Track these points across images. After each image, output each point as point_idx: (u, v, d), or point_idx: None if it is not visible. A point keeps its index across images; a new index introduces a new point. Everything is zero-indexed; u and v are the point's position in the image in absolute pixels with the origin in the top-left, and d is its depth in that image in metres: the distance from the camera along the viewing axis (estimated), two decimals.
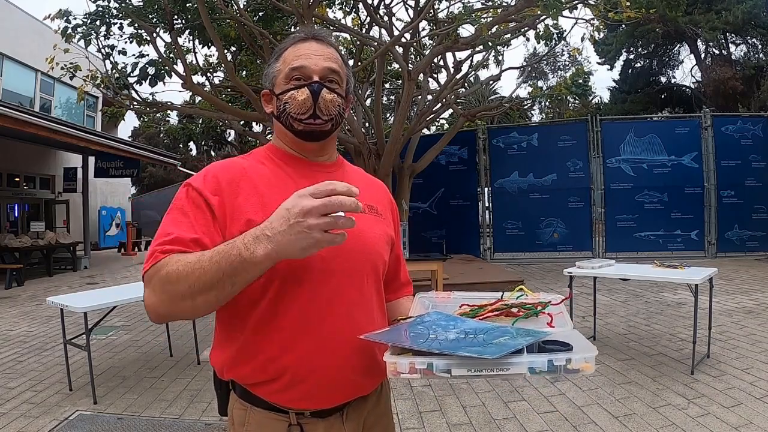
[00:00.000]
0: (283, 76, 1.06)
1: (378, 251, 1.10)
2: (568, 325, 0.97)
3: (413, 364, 0.81)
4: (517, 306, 1.07)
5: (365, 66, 8.51)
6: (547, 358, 0.80)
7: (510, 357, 0.79)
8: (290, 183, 1.04)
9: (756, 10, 18.48)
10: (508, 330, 0.91)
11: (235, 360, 1.02)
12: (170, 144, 28.16)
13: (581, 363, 0.81)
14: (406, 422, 3.04)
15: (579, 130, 10.52)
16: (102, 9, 6.88)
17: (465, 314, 1.05)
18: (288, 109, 1.04)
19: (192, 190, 0.99)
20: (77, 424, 3.05)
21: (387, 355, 0.85)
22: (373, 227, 1.11)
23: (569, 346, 0.85)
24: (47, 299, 3.82)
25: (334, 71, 1.07)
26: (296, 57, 1.06)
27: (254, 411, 1.02)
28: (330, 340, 0.99)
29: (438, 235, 10.69)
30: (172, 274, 0.86)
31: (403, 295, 1.28)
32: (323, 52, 1.08)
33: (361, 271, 1.05)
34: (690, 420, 2.88)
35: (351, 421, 1.06)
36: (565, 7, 5.87)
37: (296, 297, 0.98)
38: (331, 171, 1.12)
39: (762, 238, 9.84)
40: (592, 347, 0.84)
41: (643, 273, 4.07)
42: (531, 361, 0.80)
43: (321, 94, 1.03)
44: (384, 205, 1.20)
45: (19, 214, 13.54)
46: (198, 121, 11.13)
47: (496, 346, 0.82)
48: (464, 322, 0.97)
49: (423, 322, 0.98)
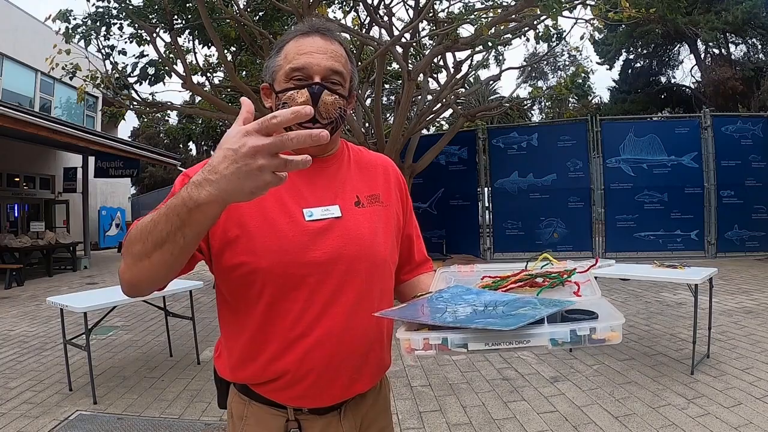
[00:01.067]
0: (283, 73, 1.03)
1: (377, 248, 1.07)
2: (596, 293, 0.93)
3: (427, 339, 0.77)
4: (542, 276, 1.03)
5: (365, 66, 8.50)
6: (570, 328, 0.75)
7: (529, 328, 0.75)
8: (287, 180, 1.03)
9: (756, 10, 18.48)
10: (531, 300, 0.87)
11: (236, 364, 1.04)
12: (170, 144, 28.15)
13: (607, 332, 0.75)
14: (406, 422, 3.04)
15: (579, 130, 10.51)
16: (102, 9, 6.88)
17: (487, 286, 1.02)
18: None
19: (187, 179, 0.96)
20: (77, 424, 3.05)
21: (401, 331, 0.82)
22: (373, 221, 1.08)
23: (594, 314, 0.80)
24: (47, 299, 3.82)
25: (337, 71, 1.02)
26: (298, 54, 1.02)
27: (253, 405, 1.04)
28: (327, 341, 0.99)
29: (438, 235, 10.69)
30: (132, 236, 0.83)
31: (422, 272, 1.25)
32: (327, 49, 1.03)
33: (360, 270, 1.04)
34: (690, 420, 2.88)
35: (348, 419, 1.06)
36: (565, 7, 5.87)
37: (293, 300, 0.98)
38: (328, 165, 1.09)
39: (762, 238, 9.83)
40: (619, 315, 0.79)
41: (643, 273, 4.07)
42: (552, 331, 0.75)
43: (321, 97, 0.99)
44: (388, 187, 1.16)
45: (19, 214, 13.53)
46: (198, 121, 11.11)
47: (515, 317, 0.78)
48: (485, 295, 0.94)
49: (441, 296, 0.96)
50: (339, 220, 1.02)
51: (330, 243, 1.00)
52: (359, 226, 1.05)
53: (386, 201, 1.14)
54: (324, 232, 1.00)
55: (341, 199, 1.06)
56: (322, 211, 1.02)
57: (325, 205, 1.03)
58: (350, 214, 1.05)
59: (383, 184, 1.16)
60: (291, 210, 1.00)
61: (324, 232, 1.00)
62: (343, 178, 1.10)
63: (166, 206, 0.78)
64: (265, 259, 0.96)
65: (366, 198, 1.10)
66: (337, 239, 1.01)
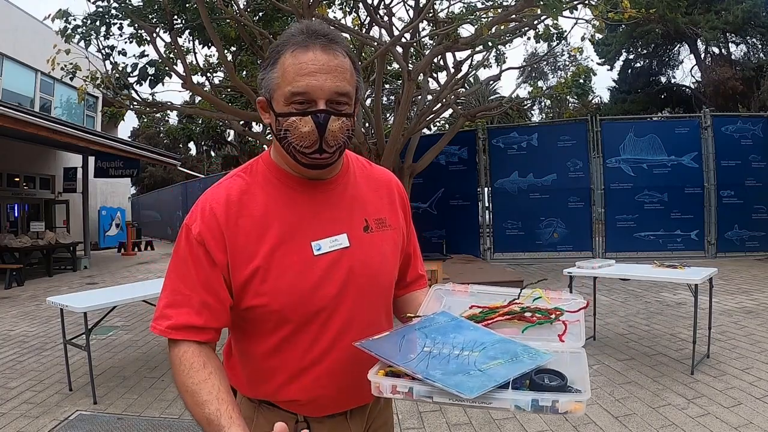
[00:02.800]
0: (282, 94, 0.93)
1: (386, 274, 1.09)
2: (580, 340, 0.93)
3: (395, 386, 0.80)
4: (531, 311, 1.02)
5: (365, 66, 8.50)
6: (532, 398, 0.76)
7: (493, 392, 0.76)
8: (293, 209, 1.01)
9: (756, 10, 18.48)
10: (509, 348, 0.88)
11: (244, 384, 1.07)
12: (170, 144, 28.19)
13: (570, 405, 0.75)
14: (406, 422, 3.04)
15: (579, 130, 10.51)
16: (102, 9, 6.88)
17: (474, 317, 1.02)
18: (290, 138, 0.94)
19: (191, 236, 0.96)
20: (77, 424, 3.05)
21: (372, 373, 0.84)
22: (381, 246, 1.08)
23: (565, 378, 0.80)
24: (47, 299, 3.82)
25: (342, 93, 0.93)
26: (298, 75, 0.91)
27: (263, 407, 1.06)
28: (337, 370, 1.01)
29: (438, 235, 10.69)
30: (179, 386, 0.92)
31: (417, 288, 1.25)
32: (330, 66, 0.92)
33: (371, 297, 1.04)
34: (690, 420, 2.88)
35: (356, 419, 1.08)
36: (565, 7, 5.87)
37: (305, 334, 0.99)
38: (333, 188, 1.05)
39: (762, 238, 9.83)
40: (587, 382, 0.79)
41: (643, 273, 4.07)
42: (514, 399, 0.76)
43: (328, 126, 0.92)
44: (394, 209, 1.15)
45: (19, 214, 13.53)
46: (198, 121, 11.12)
47: (483, 377, 0.78)
48: (468, 331, 0.95)
49: (425, 326, 0.97)
50: (348, 250, 1.01)
51: (340, 276, 1.00)
52: (368, 254, 1.04)
53: (393, 224, 1.12)
54: (334, 265, 0.99)
55: (348, 227, 1.03)
56: (331, 242, 1.00)
57: (333, 234, 1.01)
58: (358, 243, 1.03)
59: (389, 206, 1.13)
60: (299, 246, 0.98)
61: (334, 265, 0.99)
62: (351, 200, 1.06)
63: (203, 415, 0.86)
64: (277, 302, 0.96)
65: (374, 222, 1.08)
66: (347, 271, 1.00)
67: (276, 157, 1.04)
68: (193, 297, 0.94)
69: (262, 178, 1.02)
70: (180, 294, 0.95)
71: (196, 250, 0.95)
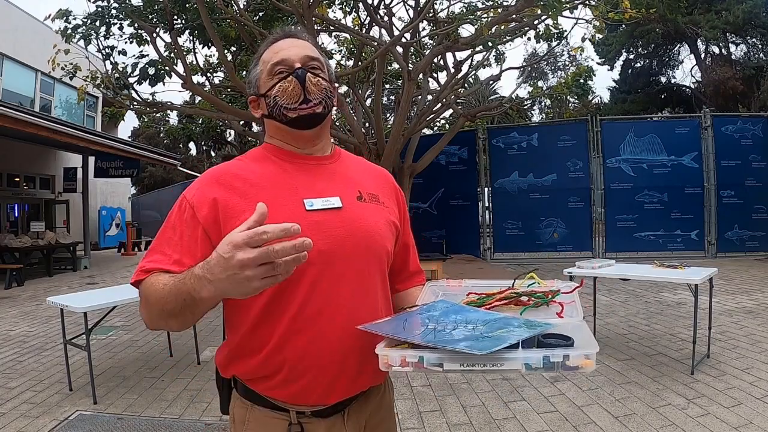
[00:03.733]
0: (266, 74, 1.08)
1: (380, 240, 1.08)
2: (578, 315, 0.93)
3: (404, 357, 0.79)
4: (527, 294, 1.04)
5: (365, 66, 8.50)
6: (543, 354, 0.76)
7: (504, 352, 0.76)
8: (286, 177, 1.05)
9: (756, 10, 18.47)
10: (511, 321, 0.88)
11: (235, 355, 1.04)
12: (170, 144, 28.17)
13: (580, 359, 0.76)
14: (406, 422, 3.04)
15: (579, 130, 10.51)
16: (102, 9, 6.88)
17: (472, 303, 1.03)
18: (279, 101, 1.05)
19: (185, 203, 1.01)
20: (77, 424, 3.05)
21: (380, 347, 0.83)
22: (374, 215, 1.09)
23: (571, 340, 0.81)
24: (47, 299, 3.82)
25: (313, 58, 1.08)
26: (275, 53, 1.08)
27: (255, 409, 1.03)
28: (328, 333, 0.98)
29: (438, 235, 10.68)
30: (149, 297, 0.92)
31: (414, 284, 1.26)
32: (299, 43, 1.10)
33: (362, 261, 1.04)
34: (690, 420, 2.88)
35: (352, 421, 1.05)
36: (565, 7, 5.87)
37: (295, 293, 0.97)
38: (326, 163, 1.12)
39: (762, 238, 9.83)
40: (594, 343, 0.79)
41: (643, 273, 4.07)
42: (526, 357, 0.76)
43: (306, 78, 1.04)
44: (387, 194, 1.18)
45: (19, 214, 13.53)
46: (198, 121, 11.12)
47: (491, 340, 0.79)
48: (468, 312, 0.95)
49: (426, 311, 0.97)
50: (340, 210, 1.03)
51: (331, 233, 1.00)
52: (361, 217, 1.05)
53: (386, 203, 1.15)
54: (325, 221, 1.00)
55: (342, 193, 1.07)
56: (323, 201, 1.03)
57: (326, 197, 1.04)
58: (352, 206, 1.06)
59: (382, 188, 1.18)
60: (291, 202, 1.00)
61: (325, 222, 1.00)
62: (343, 175, 1.12)
63: (175, 286, 0.86)
64: None
65: (367, 195, 1.11)
66: (339, 229, 1.01)
67: (270, 139, 1.13)
68: (172, 255, 0.96)
69: (260, 156, 1.11)
70: (159, 253, 0.98)
71: (186, 215, 0.99)
